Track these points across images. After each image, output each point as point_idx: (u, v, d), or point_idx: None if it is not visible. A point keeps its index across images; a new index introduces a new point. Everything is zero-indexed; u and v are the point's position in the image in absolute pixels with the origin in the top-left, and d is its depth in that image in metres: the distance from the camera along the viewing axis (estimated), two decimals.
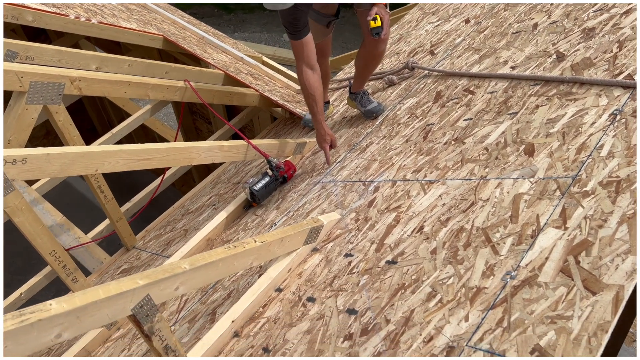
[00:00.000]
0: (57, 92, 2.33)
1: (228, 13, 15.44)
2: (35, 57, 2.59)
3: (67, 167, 1.71)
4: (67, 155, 1.68)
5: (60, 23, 3.26)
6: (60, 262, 2.05)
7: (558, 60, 2.27)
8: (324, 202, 2.35)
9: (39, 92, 2.26)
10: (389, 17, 2.60)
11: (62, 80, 2.31)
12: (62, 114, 2.41)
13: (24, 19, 3.07)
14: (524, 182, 1.67)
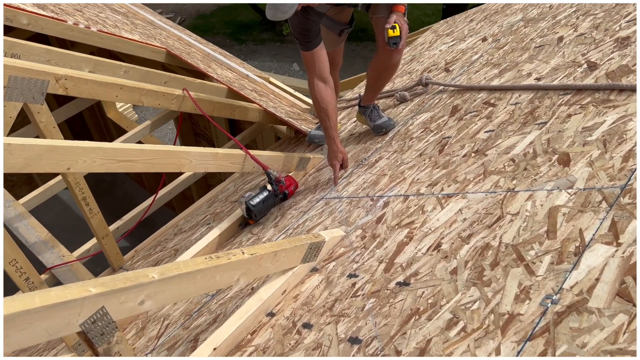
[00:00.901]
0: (39, 90, 2.13)
1: (239, 44, 15.55)
2: (22, 55, 2.41)
3: (33, 161, 1.49)
4: (33, 148, 1.47)
5: (57, 29, 3.11)
6: (22, 274, 1.81)
7: (590, 69, 2.05)
8: (327, 219, 2.11)
9: (18, 89, 2.06)
10: (407, 26, 2.42)
11: (46, 78, 2.12)
12: (44, 114, 2.21)
13: (18, 22, 2.92)
14: (560, 193, 1.42)
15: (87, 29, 3.24)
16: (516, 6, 3.72)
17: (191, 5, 17.31)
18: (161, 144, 5.46)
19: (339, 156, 2.47)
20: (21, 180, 7.08)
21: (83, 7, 4.02)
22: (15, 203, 3.47)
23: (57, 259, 3.18)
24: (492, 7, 4.17)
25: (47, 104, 2.24)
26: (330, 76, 2.49)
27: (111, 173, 7.27)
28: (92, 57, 2.71)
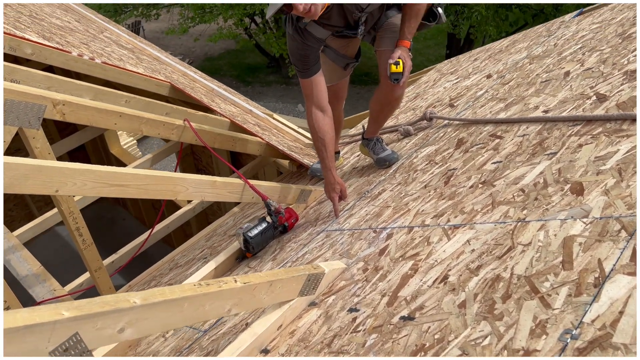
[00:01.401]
0: (36, 114, 2.09)
1: (246, 85, 15.79)
2: (22, 81, 2.39)
3: (18, 182, 1.42)
4: (19, 167, 1.40)
5: (61, 59, 3.11)
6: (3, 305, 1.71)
7: (599, 101, 2.00)
8: (328, 252, 2.01)
9: (14, 113, 2.02)
10: (411, 62, 2.38)
11: (43, 102, 2.07)
12: (40, 139, 2.16)
13: (22, 51, 2.92)
14: (575, 222, 1.34)
15: (91, 61, 3.24)
16: (520, 45, 3.73)
17: (199, 48, 17.70)
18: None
19: (336, 188, 2.39)
20: (20, 216, 7.01)
21: (90, 40, 4.06)
22: (9, 235, 3.40)
23: (47, 293, 3.07)
24: (496, 47, 4.19)
25: (50, 136, 2.21)
26: (328, 105, 2.43)
27: (112, 209, 7.20)
28: (93, 85, 2.68)
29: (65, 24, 4.43)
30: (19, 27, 3.18)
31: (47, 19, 4.16)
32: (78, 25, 4.75)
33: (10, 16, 3.47)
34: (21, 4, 4.29)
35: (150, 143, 11.51)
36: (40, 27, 3.58)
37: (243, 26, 13.71)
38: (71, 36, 3.85)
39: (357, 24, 2.33)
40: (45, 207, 6.82)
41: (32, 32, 3.24)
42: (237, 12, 11.98)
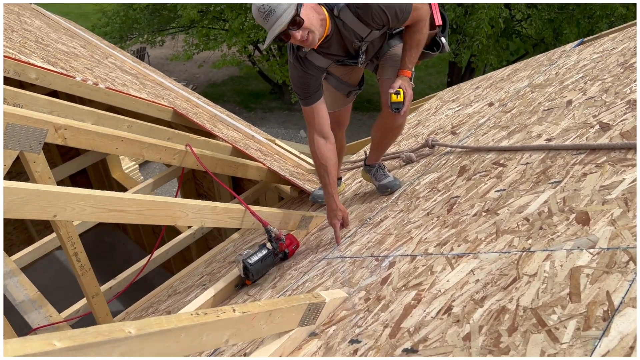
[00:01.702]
0: (37, 138, 2.08)
1: (249, 111, 15.91)
2: (24, 105, 2.39)
3: (17, 206, 1.40)
4: (19, 192, 1.38)
5: (65, 84, 3.13)
6: None
7: (603, 130, 1.99)
8: (329, 280, 1.98)
9: (16, 137, 2.01)
10: (412, 91, 2.38)
11: (45, 127, 2.07)
12: (40, 164, 2.15)
13: (26, 76, 2.94)
14: (581, 253, 1.31)
15: (94, 86, 3.26)
16: (522, 73, 3.75)
17: (203, 74, 17.90)
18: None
19: (338, 214, 2.37)
20: (20, 240, 6.98)
21: (94, 66, 4.09)
22: (7, 259, 3.36)
23: (43, 319, 3.02)
24: (498, 75, 4.21)
25: (52, 160, 2.20)
26: (331, 132, 2.43)
27: (112, 234, 7.16)
28: (95, 110, 2.69)
29: (70, 49, 4.47)
30: (25, 52, 3.21)
31: (52, 45, 4.21)
32: (83, 51, 4.80)
33: (17, 41, 3.51)
34: (27, 30, 4.35)
35: (152, 167, 11.53)
36: (46, 53, 3.61)
37: (247, 53, 13.89)
38: (76, 61, 3.88)
39: (357, 53, 2.34)
40: (45, 230, 6.79)
41: (37, 57, 3.27)
42: (241, 39, 12.15)
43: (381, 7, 2.10)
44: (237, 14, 12.03)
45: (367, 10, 2.10)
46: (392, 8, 2.13)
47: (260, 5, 1.97)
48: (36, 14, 6.63)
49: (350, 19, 2.15)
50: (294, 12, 1.97)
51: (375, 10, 2.10)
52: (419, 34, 2.27)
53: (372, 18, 2.13)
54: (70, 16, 20.23)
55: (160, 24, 14.67)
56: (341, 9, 2.11)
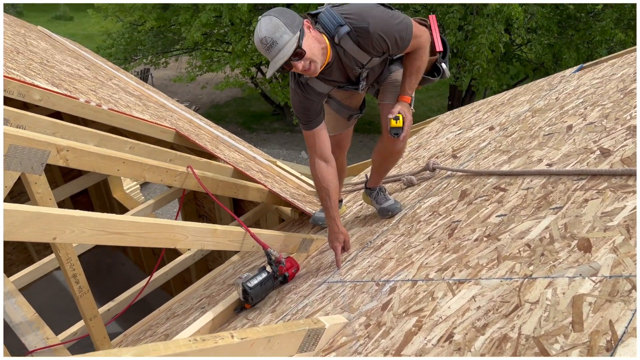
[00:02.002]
0: (39, 160, 2.09)
1: (251, 132, 15.99)
2: (28, 126, 2.41)
3: (16, 229, 1.40)
4: (17, 214, 1.38)
5: (68, 105, 3.16)
6: None
7: (603, 155, 1.99)
8: (329, 304, 1.96)
9: (18, 158, 2.02)
10: (411, 117, 2.40)
11: (47, 148, 2.08)
12: (42, 185, 2.15)
13: (30, 97, 2.96)
14: (583, 281, 1.30)
15: (98, 107, 3.29)
16: (522, 98, 3.78)
17: (206, 95, 18.05)
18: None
19: (340, 237, 2.36)
20: (19, 260, 6.94)
21: (98, 87, 4.13)
22: (6, 280, 3.34)
23: (40, 341, 2.99)
24: (498, 99, 4.24)
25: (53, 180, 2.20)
26: (332, 156, 2.44)
27: (111, 254, 7.13)
28: (98, 132, 2.70)
29: (75, 71, 4.52)
30: (29, 74, 3.24)
31: (57, 66, 4.26)
32: (87, 73, 4.85)
33: (22, 63, 3.55)
34: (32, 52, 4.40)
35: (154, 188, 11.54)
36: (51, 74, 3.65)
37: (249, 75, 14.02)
38: (80, 83, 3.92)
39: (358, 79, 2.36)
40: (44, 251, 6.76)
41: (42, 78, 3.30)
42: (244, 61, 12.28)
43: (381, 35, 2.13)
44: (240, 36, 12.17)
45: (367, 38, 2.12)
46: (392, 36, 2.15)
47: (263, 37, 2.00)
48: (42, 35, 6.73)
49: (351, 47, 2.17)
50: (295, 45, 1.99)
51: (375, 38, 2.12)
52: (418, 60, 2.29)
53: (372, 46, 2.15)
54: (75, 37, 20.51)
55: (165, 45, 14.84)
56: (342, 36, 2.14)
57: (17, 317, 3.11)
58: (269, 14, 2.03)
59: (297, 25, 2.02)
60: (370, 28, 2.11)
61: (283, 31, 1.99)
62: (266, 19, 2.01)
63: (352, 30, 2.13)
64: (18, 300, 3.21)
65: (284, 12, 2.04)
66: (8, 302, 3.21)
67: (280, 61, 2.00)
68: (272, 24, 1.99)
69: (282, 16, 2.01)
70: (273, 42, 1.99)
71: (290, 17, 2.02)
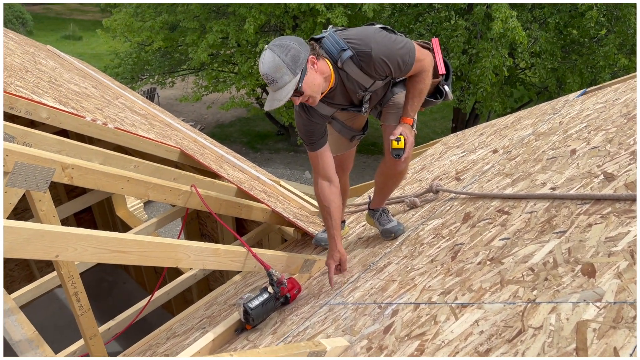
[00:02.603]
0: (44, 177, 2.10)
1: (255, 152, 16.05)
2: (34, 144, 2.43)
3: (19, 246, 1.40)
4: (21, 231, 1.39)
5: (75, 124, 3.18)
6: None
7: (607, 180, 1.99)
8: (330, 327, 1.94)
9: (23, 175, 2.03)
10: (413, 138, 2.41)
11: (53, 166, 2.10)
12: (46, 202, 2.16)
13: (38, 115, 2.99)
14: (587, 306, 1.29)
15: (104, 126, 3.32)
16: (526, 122, 3.79)
17: (211, 115, 18.18)
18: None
19: (336, 256, 2.36)
20: (21, 277, 6.93)
21: (104, 106, 4.17)
22: (7, 297, 3.33)
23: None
24: (502, 122, 4.25)
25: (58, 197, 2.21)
26: (335, 176, 2.46)
27: (113, 272, 7.11)
28: (103, 150, 2.72)
29: (82, 89, 4.57)
30: (37, 92, 3.28)
31: (65, 85, 4.31)
32: (94, 91, 4.91)
33: (30, 81, 3.60)
34: (41, 70, 4.46)
35: (157, 206, 11.55)
36: (58, 93, 3.69)
37: (255, 96, 14.14)
38: (87, 102, 3.96)
39: (361, 102, 2.39)
40: (46, 268, 6.75)
41: (50, 97, 3.34)
42: (250, 82, 12.39)
43: (383, 59, 2.15)
44: (247, 57, 12.31)
45: (370, 62, 2.15)
46: (395, 60, 2.17)
47: (264, 73, 2.03)
48: (51, 54, 6.82)
49: (354, 71, 2.19)
50: (294, 87, 2.03)
51: (377, 63, 2.15)
52: (421, 83, 2.31)
53: (375, 70, 2.18)
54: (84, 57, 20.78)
55: (171, 65, 15.01)
56: (345, 61, 2.16)
57: (16, 335, 3.09)
58: (273, 50, 2.03)
59: (300, 66, 2.04)
60: (373, 53, 2.13)
61: (284, 72, 2.02)
62: (269, 56, 2.02)
63: (354, 55, 2.15)
64: (18, 318, 3.19)
65: (288, 50, 2.03)
66: (8, 320, 3.20)
67: (277, 102, 2.04)
68: (274, 63, 2.01)
69: (285, 55, 2.02)
70: (274, 80, 2.02)
71: (293, 57, 2.03)
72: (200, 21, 12.73)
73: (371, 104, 2.43)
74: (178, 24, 13.79)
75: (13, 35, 6.53)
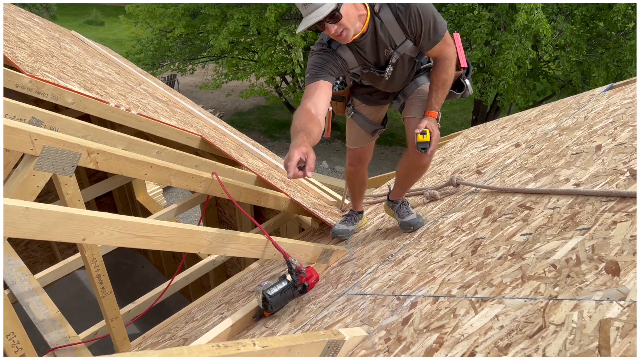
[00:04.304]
0: (71, 162, 2.14)
1: (273, 140, 16.10)
2: (61, 128, 2.48)
3: (48, 228, 1.44)
4: (50, 214, 1.42)
5: (99, 109, 3.23)
6: (18, 350, 1.69)
7: (633, 177, 1.96)
8: (348, 317, 1.95)
9: (50, 159, 2.07)
10: (439, 132, 2.38)
11: (79, 150, 2.13)
12: (71, 186, 2.20)
13: (63, 100, 3.04)
14: (611, 305, 1.27)
15: (127, 112, 3.36)
16: (549, 116, 3.73)
17: (230, 102, 18.25)
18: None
19: (302, 149, 1.87)
20: (43, 257, 7.09)
21: (127, 92, 4.22)
22: (31, 277, 3.41)
23: (62, 339, 3.04)
24: (525, 116, 4.20)
25: (80, 181, 2.25)
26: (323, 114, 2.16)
27: (132, 256, 7.23)
28: (126, 135, 2.76)
29: (105, 75, 4.63)
30: (63, 78, 3.33)
31: (89, 70, 4.36)
32: (117, 77, 4.96)
33: (56, 66, 3.65)
34: (66, 56, 4.52)
35: (175, 192, 11.68)
36: (83, 78, 3.74)
37: (274, 84, 14.14)
38: (110, 87, 4.01)
39: (387, 63, 2.33)
40: (67, 250, 6.89)
41: (75, 82, 3.39)
42: (269, 71, 12.39)
43: (420, 13, 2.12)
44: (267, 46, 12.30)
45: (406, 12, 2.11)
46: (428, 20, 2.14)
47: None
48: (75, 40, 6.90)
49: (389, 19, 2.15)
50: (334, 6, 1.96)
51: (413, 14, 2.11)
52: (444, 73, 2.29)
53: (409, 22, 2.14)
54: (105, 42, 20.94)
55: (192, 52, 15.08)
56: (382, 6, 2.13)
57: (40, 314, 3.17)
58: None
59: None
60: (412, 2, 2.10)
61: None
62: None
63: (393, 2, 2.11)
64: (42, 297, 3.28)
65: None
66: (32, 299, 3.28)
67: (315, 19, 1.95)
68: None
69: None
70: (309, 3, 1.95)
71: None
72: (222, 8, 12.73)
73: (395, 74, 2.39)
74: (199, 11, 13.82)
75: (39, 20, 6.62)
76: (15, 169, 2.08)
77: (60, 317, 3.12)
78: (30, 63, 3.25)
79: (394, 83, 2.47)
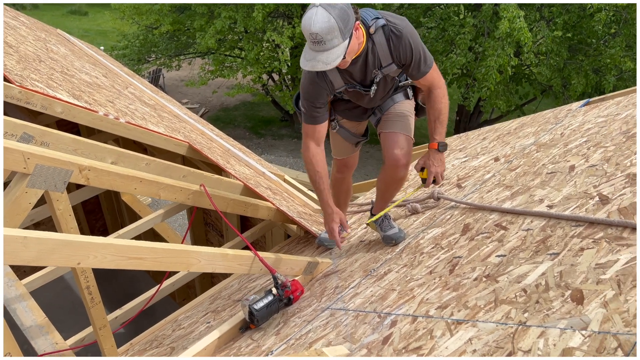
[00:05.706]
0: (62, 179, 2.19)
1: (258, 137, 16.11)
2: (51, 143, 2.52)
3: (45, 255, 1.50)
4: (47, 242, 1.48)
5: (88, 118, 3.27)
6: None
7: (602, 202, 2.08)
8: (331, 333, 2.05)
9: (42, 177, 2.13)
10: (436, 168, 2.56)
11: (70, 168, 2.19)
12: (63, 202, 2.25)
13: (52, 110, 3.08)
14: (574, 334, 1.38)
15: (116, 120, 3.40)
16: (528, 129, 3.86)
17: (216, 98, 18.19)
18: (173, 233, 5.47)
19: (335, 218, 2.48)
20: None
21: (115, 98, 4.25)
22: (18, 283, 3.44)
23: (49, 346, 3.08)
24: (505, 128, 4.33)
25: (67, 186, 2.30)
26: (323, 143, 2.52)
27: None
28: (116, 148, 2.81)
29: (93, 79, 4.64)
30: (52, 86, 3.35)
31: (77, 75, 4.38)
32: (105, 81, 4.97)
33: (44, 73, 3.67)
34: (53, 59, 4.53)
35: None
36: (71, 85, 3.76)
37: (261, 82, 14.16)
38: (99, 94, 4.03)
39: (372, 82, 2.43)
40: None
41: (63, 90, 3.42)
42: (256, 69, 12.41)
43: (410, 43, 2.23)
44: (254, 45, 12.31)
45: (399, 39, 2.22)
46: (418, 52, 2.26)
47: (314, 32, 1.97)
48: (61, 39, 6.87)
49: (380, 42, 2.25)
50: (342, 56, 2.04)
51: (404, 43, 2.22)
52: (439, 103, 2.40)
53: (399, 50, 2.24)
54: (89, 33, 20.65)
55: (178, 48, 15.00)
56: (377, 28, 2.22)
57: (27, 320, 3.20)
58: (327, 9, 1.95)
59: (349, 30, 2.04)
60: (404, 32, 2.22)
61: (335, 35, 1.99)
62: (323, 15, 1.95)
63: (387, 25, 2.21)
64: (29, 304, 3.31)
65: (342, 12, 1.98)
66: (19, 305, 3.32)
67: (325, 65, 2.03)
68: (328, 24, 1.96)
69: (339, 17, 1.97)
70: (322, 41, 1.99)
71: (345, 20, 2.00)
72: (209, 6, 12.69)
73: (377, 92, 2.48)
74: (186, 7, 13.74)
75: (24, 19, 6.57)
76: (8, 186, 2.13)
77: (47, 324, 3.16)
78: (19, 71, 3.27)
79: (375, 99, 2.57)
